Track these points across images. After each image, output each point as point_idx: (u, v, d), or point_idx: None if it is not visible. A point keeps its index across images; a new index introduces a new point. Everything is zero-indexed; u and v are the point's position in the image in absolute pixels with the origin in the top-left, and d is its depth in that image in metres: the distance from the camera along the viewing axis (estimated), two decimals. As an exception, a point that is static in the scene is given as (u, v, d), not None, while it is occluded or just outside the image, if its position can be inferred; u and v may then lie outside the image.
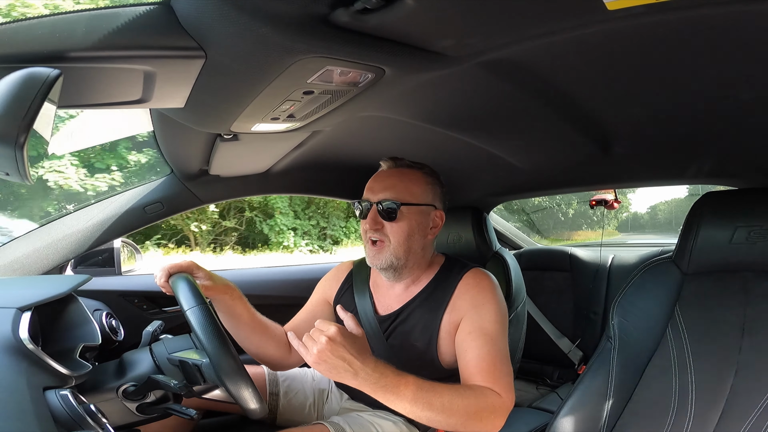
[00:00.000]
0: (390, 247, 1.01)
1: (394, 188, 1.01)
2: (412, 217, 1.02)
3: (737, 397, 0.83)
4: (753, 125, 0.89)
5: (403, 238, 1.01)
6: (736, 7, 0.53)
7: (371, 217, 1.01)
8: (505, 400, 0.88)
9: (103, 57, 0.59)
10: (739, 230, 0.89)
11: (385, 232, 1.01)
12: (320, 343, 0.79)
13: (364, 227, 1.04)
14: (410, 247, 1.03)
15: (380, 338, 1.07)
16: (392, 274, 1.05)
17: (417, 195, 1.03)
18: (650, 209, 11.98)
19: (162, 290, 0.94)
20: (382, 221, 1.01)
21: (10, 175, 0.53)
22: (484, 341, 0.94)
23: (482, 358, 0.92)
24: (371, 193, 1.04)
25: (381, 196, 1.01)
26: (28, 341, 0.68)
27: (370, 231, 1.02)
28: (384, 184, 1.03)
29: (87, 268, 1.47)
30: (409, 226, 1.01)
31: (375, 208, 1.01)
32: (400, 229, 1.01)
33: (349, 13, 0.53)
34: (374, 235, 1.02)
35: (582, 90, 0.84)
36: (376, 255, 1.02)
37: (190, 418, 0.83)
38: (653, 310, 0.96)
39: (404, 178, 1.04)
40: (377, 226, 1.01)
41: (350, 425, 1.01)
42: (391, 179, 1.03)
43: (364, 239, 1.05)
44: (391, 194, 1.01)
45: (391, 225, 1.01)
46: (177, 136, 1.09)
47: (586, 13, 0.55)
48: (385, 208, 1.00)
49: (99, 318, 1.24)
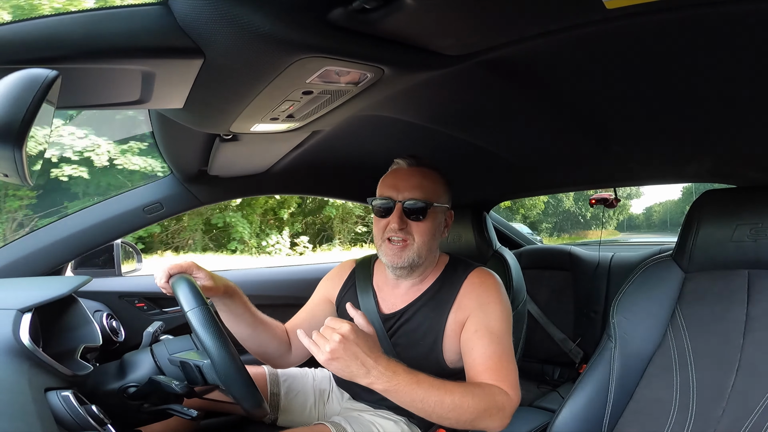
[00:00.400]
0: (414, 246, 1.00)
1: (422, 188, 1.01)
2: (437, 216, 1.03)
3: (739, 396, 0.83)
4: (752, 124, 0.89)
5: (429, 238, 1.01)
6: (736, 7, 0.53)
7: (397, 215, 0.99)
8: (512, 397, 0.89)
9: (101, 58, 0.59)
10: (740, 228, 0.89)
11: (410, 231, 1.00)
12: (333, 341, 0.78)
13: (382, 225, 1.02)
14: (431, 247, 1.03)
15: (384, 337, 1.06)
16: (406, 272, 1.05)
17: (441, 195, 1.04)
18: (645, 210, 12.46)
19: (162, 291, 0.94)
20: (407, 220, 1.00)
21: (9, 176, 0.53)
22: (490, 340, 0.95)
23: (489, 357, 0.93)
24: (395, 191, 1.01)
25: (408, 195, 1.00)
26: (28, 342, 0.68)
27: (393, 230, 1.00)
28: (410, 182, 1.01)
29: (87, 269, 1.47)
30: (434, 226, 1.02)
31: (400, 206, 1.00)
32: (427, 229, 1.00)
33: (348, 13, 0.53)
34: (398, 234, 1.00)
35: (581, 89, 0.84)
36: (398, 253, 1.00)
37: (191, 418, 0.83)
38: (654, 309, 0.95)
39: (428, 178, 1.03)
40: (403, 225, 0.99)
41: (351, 425, 1.01)
42: (416, 178, 1.02)
43: (379, 238, 1.03)
44: (419, 194, 1.00)
45: (417, 224, 1.00)
46: (176, 136, 1.09)
47: (585, 12, 0.55)
48: (413, 207, 0.99)
49: (99, 319, 1.24)
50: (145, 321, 1.45)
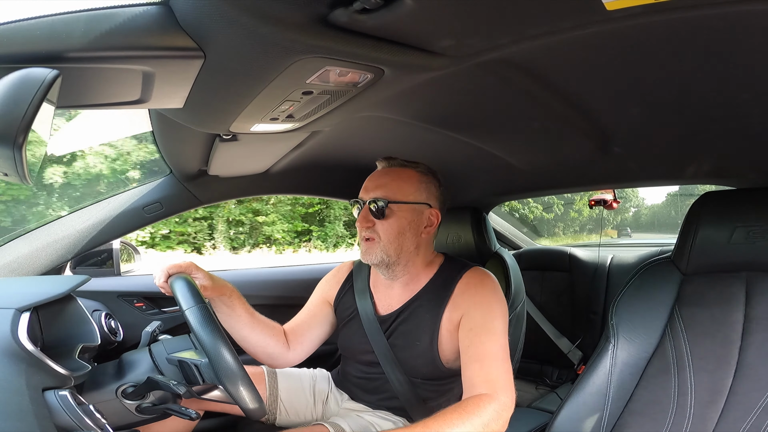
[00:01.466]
0: (380, 244, 1.03)
1: (385, 187, 1.04)
2: (403, 215, 1.03)
3: (736, 397, 0.83)
4: (752, 125, 0.89)
5: (393, 236, 1.03)
6: (736, 8, 0.53)
7: (362, 215, 1.04)
8: (506, 400, 0.89)
9: (101, 57, 0.59)
10: (738, 230, 0.89)
11: (376, 229, 1.03)
12: None
13: (358, 225, 1.06)
14: (401, 245, 1.04)
15: (381, 338, 1.07)
16: (386, 270, 1.07)
17: (408, 193, 1.04)
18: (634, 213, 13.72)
19: (161, 291, 0.94)
20: (373, 219, 1.03)
21: (8, 175, 0.53)
22: (486, 338, 0.95)
23: (484, 356, 0.93)
24: (364, 192, 1.06)
25: (372, 194, 1.04)
26: (26, 342, 0.68)
27: (362, 228, 1.05)
28: (376, 182, 1.05)
29: (86, 268, 1.47)
30: (398, 224, 1.03)
31: (366, 206, 1.04)
32: (390, 227, 1.03)
33: (348, 13, 0.53)
34: (366, 233, 1.04)
35: (581, 90, 0.84)
36: (367, 251, 1.05)
37: (190, 418, 0.83)
38: (652, 310, 0.96)
39: (396, 177, 1.05)
40: (368, 224, 1.03)
41: (350, 426, 1.01)
42: (383, 178, 1.06)
43: (360, 237, 1.07)
44: (381, 193, 1.03)
45: (381, 222, 1.03)
46: (176, 136, 1.09)
47: (585, 13, 0.55)
48: (375, 207, 1.03)
49: (98, 318, 1.24)
50: (143, 321, 1.45)
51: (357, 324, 1.11)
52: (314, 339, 1.16)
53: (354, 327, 1.12)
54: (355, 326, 1.12)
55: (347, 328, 1.14)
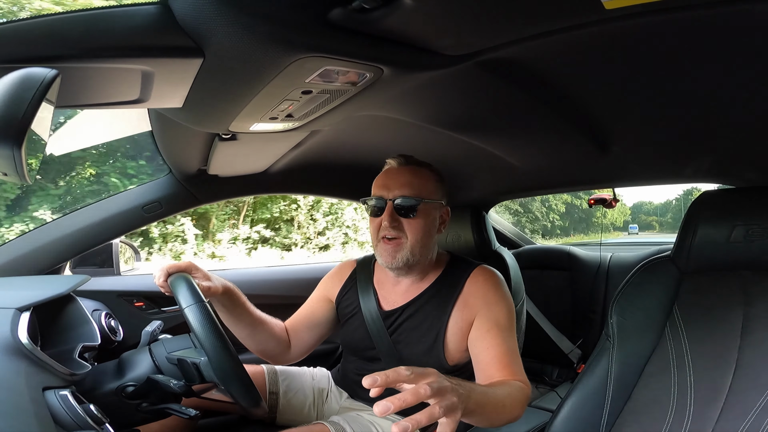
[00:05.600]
0: (407, 244, 1.01)
1: (411, 185, 1.01)
2: (429, 213, 1.03)
3: (736, 396, 0.83)
4: (751, 124, 0.89)
5: (422, 235, 1.01)
6: (735, 7, 0.53)
7: (388, 213, 1.01)
8: (528, 389, 0.92)
9: (100, 57, 0.59)
10: (737, 229, 0.89)
11: (402, 228, 1.01)
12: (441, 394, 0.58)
13: (376, 225, 1.04)
14: (426, 244, 1.03)
15: (384, 334, 1.07)
16: (404, 271, 1.05)
17: (431, 192, 1.04)
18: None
19: (161, 290, 0.94)
20: (399, 218, 1.01)
21: (8, 175, 0.53)
22: (502, 338, 0.97)
23: (504, 354, 0.95)
24: (385, 190, 1.03)
25: (398, 192, 1.01)
26: (27, 341, 0.68)
27: (386, 228, 1.01)
28: (399, 181, 1.02)
29: (86, 268, 1.47)
30: (426, 223, 1.02)
31: (390, 205, 1.01)
32: (419, 226, 1.01)
33: (348, 13, 0.53)
34: (390, 233, 1.00)
35: (580, 89, 0.84)
36: (392, 253, 1.01)
37: (190, 417, 0.83)
38: (652, 309, 0.96)
39: (418, 175, 1.04)
40: (395, 223, 1.00)
41: (350, 425, 1.01)
42: (405, 176, 1.03)
43: (376, 238, 1.04)
44: (409, 191, 1.01)
45: (408, 222, 1.01)
46: (175, 135, 1.09)
47: (584, 13, 0.55)
48: (403, 205, 1.00)
49: (98, 318, 1.24)
50: (143, 320, 1.45)
51: (359, 320, 1.11)
52: (315, 336, 1.17)
53: (356, 323, 1.12)
54: (357, 322, 1.12)
55: (349, 324, 1.14)
